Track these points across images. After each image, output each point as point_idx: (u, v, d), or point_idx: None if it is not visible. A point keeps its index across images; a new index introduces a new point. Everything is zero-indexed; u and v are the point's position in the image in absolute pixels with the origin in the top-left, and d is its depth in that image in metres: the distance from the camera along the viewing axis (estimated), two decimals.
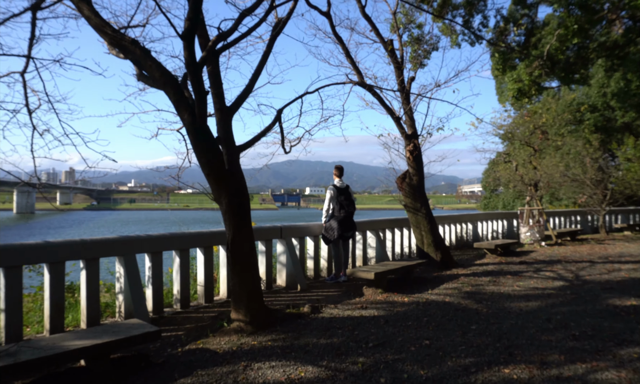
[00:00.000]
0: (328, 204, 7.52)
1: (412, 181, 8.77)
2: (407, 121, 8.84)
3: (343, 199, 7.42)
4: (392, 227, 9.71)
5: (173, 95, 4.41)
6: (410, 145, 8.62)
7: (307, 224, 7.65)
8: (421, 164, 8.80)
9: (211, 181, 4.59)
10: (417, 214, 8.82)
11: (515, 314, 5.34)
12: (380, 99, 8.30)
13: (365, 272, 6.46)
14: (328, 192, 7.56)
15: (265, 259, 6.86)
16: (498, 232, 14.54)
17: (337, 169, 7.75)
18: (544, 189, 13.87)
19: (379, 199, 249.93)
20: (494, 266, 9.06)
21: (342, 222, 7.35)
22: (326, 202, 7.53)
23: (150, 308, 5.39)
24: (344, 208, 7.38)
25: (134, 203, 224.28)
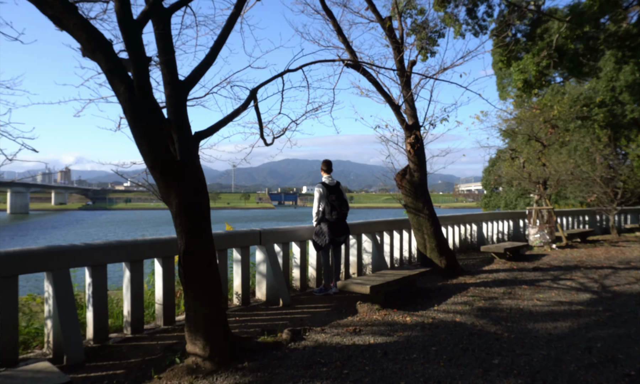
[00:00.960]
0: (318, 205, 6.48)
1: (413, 178, 7.73)
2: (408, 110, 7.80)
3: (334, 198, 6.38)
4: (390, 229, 8.66)
5: (105, 63, 3.35)
6: (411, 137, 7.58)
7: (293, 227, 6.59)
8: (423, 158, 7.76)
9: (156, 175, 3.53)
10: (418, 215, 7.78)
11: (545, 341, 4.30)
12: (377, 84, 7.25)
13: (360, 286, 5.41)
14: (316, 192, 6.51)
15: (241, 270, 5.80)
16: (504, 233, 13.53)
17: (325, 164, 6.71)
18: (553, 188, 12.86)
19: (376, 198, 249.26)
20: (505, 273, 8.03)
21: (333, 225, 6.31)
22: (315, 203, 6.48)
23: (90, 335, 4.32)
24: (335, 209, 6.34)
25: (130, 203, 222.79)
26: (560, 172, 12.43)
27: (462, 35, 14.48)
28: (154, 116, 3.46)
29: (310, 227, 6.67)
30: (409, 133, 7.63)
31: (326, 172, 6.68)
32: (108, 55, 3.33)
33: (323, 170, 6.72)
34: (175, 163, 3.54)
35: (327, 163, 6.71)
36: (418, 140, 7.55)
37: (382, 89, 7.28)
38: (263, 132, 5.80)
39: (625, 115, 18.69)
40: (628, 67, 17.42)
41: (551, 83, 16.96)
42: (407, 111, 7.81)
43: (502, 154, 31.22)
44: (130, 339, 4.50)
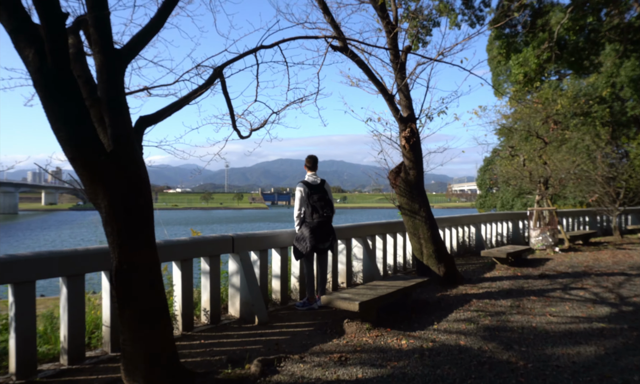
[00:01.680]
0: (299, 206, 5.69)
1: (409, 176, 6.95)
2: (402, 100, 7.03)
3: (316, 199, 5.59)
4: (383, 233, 7.89)
5: (7, 19, 2.53)
6: (406, 130, 6.80)
7: (272, 232, 5.79)
8: (420, 154, 6.99)
9: (78, 169, 2.73)
10: (414, 218, 7.01)
11: (570, 373, 3.54)
12: (368, 70, 6.46)
13: (347, 302, 4.62)
14: (297, 191, 5.72)
15: (210, 283, 4.99)
16: (503, 235, 12.82)
17: (309, 160, 5.93)
18: (555, 187, 12.16)
19: (369, 198, 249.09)
20: (509, 281, 7.28)
21: (315, 230, 5.53)
22: (296, 205, 5.69)
23: (13, 369, 3.50)
24: (317, 212, 5.56)
25: None
26: (562, 171, 11.73)
27: (457, 25, 13.74)
28: (74, 92, 2.64)
29: (293, 231, 5.87)
30: (403, 126, 6.85)
31: (310, 170, 5.89)
32: (11, 8, 2.52)
33: (307, 167, 5.94)
34: (103, 155, 2.72)
35: (311, 159, 5.92)
36: (414, 134, 6.79)
37: (374, 76, 6.50)
38: (235, 122, 5.01)
39: (626, 112, 18.08)
40: (629, 62, 16.79)
41: (548, 80, 16.25)
42: (401, 101, 7.04)
43: (498, 152, 30.63)
44: (65, 373, 3.67)
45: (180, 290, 4.69)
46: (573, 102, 11.71)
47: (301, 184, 5.70)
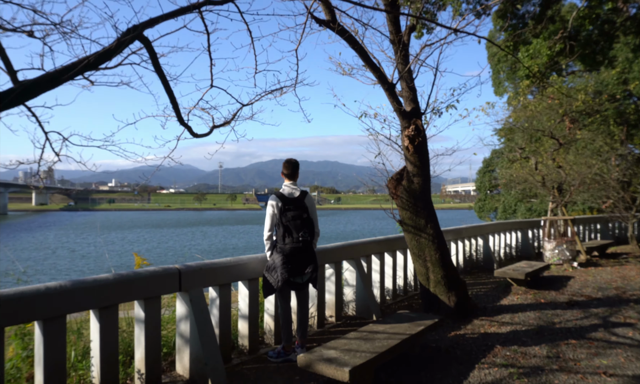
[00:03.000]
0: (269, 226, 4.33)
1: (412, 184, 5.62)
2: (405, 91, 5.70)
3: (291, 217, 4.24)
4: (380, 251, 6.56)
5: None
6: (410, 128, 5.47)
7: (237, 260, 4.43)
8: (426, 157, 5.67)
9: None
10: (419, 236, 5.68)
11: None
12: (362, 52, 5.12)
13: (334, 367, 3.28)
14: (268, 205, 4.36)
15: (145, 336, 3.62)
16: (512, 247, 11.55)
17: (287, 166, 4.57)
18: (570, 193, 10.89)
19: (363, 199, 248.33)
20: (534, 312, 5.98)
21: (289, 259, 4.18)
22: (266, 223, 4.32)
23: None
24: (291, 234, 4.23)
25: (114, 203, 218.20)
26: (578, 176, 10.44)
27: (461, 15, 12.45)
28: None
29: (264, 257, 4.53)
30: (406, 122, 5.52)
31: (288, 178, 4.54)
32: None
33: (284, 174, 4.60)
34: None
35: (289, 165, 4.56)
36: (419, 132, 5.46)
37: (369, 58, 5.16)
38: (181, 114, 3.67)
39: (639, 111, 16.89)
40: None
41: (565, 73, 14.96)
42: (403, 92, 5.71)
43: (499, 154, 29.39)
44: None
45: (99, 348, 3.33)
46: (594, 98, 10.44)
47: (274, 197, 4.35)
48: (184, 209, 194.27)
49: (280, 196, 4.32)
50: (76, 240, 50.02)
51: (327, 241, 18.35)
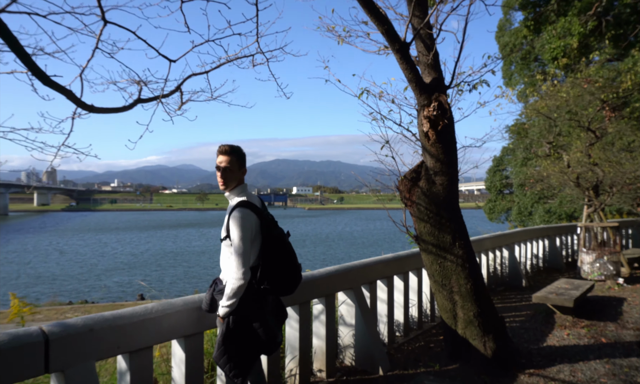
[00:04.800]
0: (246, 256, 2.67)
1: (434, 186, 4.01)
2: (423, 56, 4.08)
3: (279, 243, 2.89)
4: (388, 275, 4.94)
5: None
6: (431, 106, 3.85)
7: (156, 309, 2.82)
8: (453, 147, 4.05)
9: None
10: (443, 259, 4.07)
11: None
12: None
13: None
14: (237, 219, 2.68)
15: None
16: (538, 257, 9.92)
17: (243, 157, 2.99)
18: (612, 195, 9.24)
19: (366, 199, 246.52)
20: (601, 363, 4.35)
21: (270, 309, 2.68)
22: (240, 251, 2.64)
23: None
24: (285, 271, 2.83)
25: (116, 204, 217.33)
26: (624, 175, 8.78)
27: None
28: None
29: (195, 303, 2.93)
30: (426, 99, 3.90)
31: (240, 182, 2.97)
32: None
33: (243, 173, 2.99)
34: None
35: (243, 155, 3.00)
36: (444, 112, 3.84)
37: (372, 4, 3.54)
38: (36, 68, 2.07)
39: None
40: None
41: (600, 54, 13.20)
42: (421, 57, 4.10)
43: (509, 152, 27.65)
44: None
45: None
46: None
47: (245, 209, 2.74)
48: (186, 209, 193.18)
49: (252, 207, 2.81)
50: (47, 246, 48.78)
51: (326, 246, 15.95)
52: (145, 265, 38.84)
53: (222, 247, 2.83)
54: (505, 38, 23.87)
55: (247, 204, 2.74)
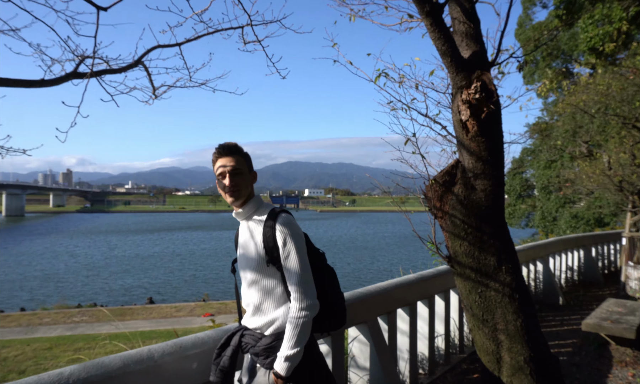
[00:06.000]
0: (309, 287, 1.96)
1: (474, 193, 3.08)
2: (461, 24, 3.16)
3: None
4: (409, 302, 4.01)
5: None
6: (472, 87, 2.93)
7: None
8: (499, 142, 3.10)
9: None
10: (485, 287, 3.13)
11: None
12: None
13: None
14: (295, 236, 1.98)
15: None
16: (573, 269, 8.89)
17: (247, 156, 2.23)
18: None
19: (379, 201, 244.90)
20: None
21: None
22: (302, 267, 1.95)
23: None
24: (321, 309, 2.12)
25: (129, 205, 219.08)
26: None
27: None
28: None
29: None
30: (463, 79, 2.97)
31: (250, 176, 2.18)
32: None
33: (253, 178, 2.21)
34: None
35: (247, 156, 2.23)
36: (489, 95, 2.91)
37: None
38: None
39: None
40: None
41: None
42: (457, 25, 3.18)
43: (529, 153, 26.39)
44: None
45: None
46: None
47: (290, 215, 2.13)
48: (198, 211, 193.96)
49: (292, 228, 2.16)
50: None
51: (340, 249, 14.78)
52: (154, 268, 38.37)
53: (258, 275, 2.01)
54: (528, 33, 22.77)
55: (288, 210, 2.08)
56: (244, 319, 2.11)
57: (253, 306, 2.04)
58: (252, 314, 2.05)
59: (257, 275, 1.99)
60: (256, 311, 2.03)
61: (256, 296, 2.02)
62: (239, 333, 2.09)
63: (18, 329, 20.82)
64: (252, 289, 2.03)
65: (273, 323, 1.96)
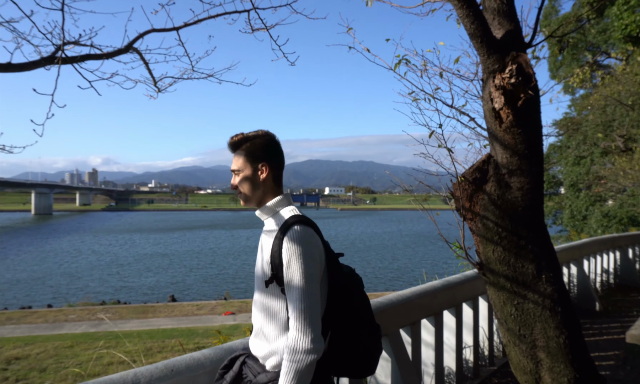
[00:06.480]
0: (311, 321, 1.55)
1: (508, 192, 2.71)
2: (492, 2, 2.79)
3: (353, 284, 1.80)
4: (435, 311, 3.66)
5: None
6: (506, 71, 2.56)
7: None
8: (537, 133, 2.72)
9: None
10: (522, 299, 2.76)
11: None
12: None
13: None
14: (299, 263, 1.57)
15: None
16: (609, 272, 8.34)
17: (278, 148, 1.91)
18: None
19: (399, 199, 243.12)
20: None
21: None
22: (308, 296, 1.56)
23: None
24: (340, 349, 1.71)
25: (153, 204, 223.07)
26: None
27: None
28: None
29: None
30: (496, 61, 2.61)
31: (279, 186, 1.93)
32: None
33: (276, 172, 1.90)
34: None
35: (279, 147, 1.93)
36: (527, 79, 2.54)
37: None
38: None
39: None
40: None
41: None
42: (488, 2, 2.81)
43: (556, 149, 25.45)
44: None
45: None
46: None
47: (307, 227, 1.66)
48: (220, 210, 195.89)
49: (314, 228, 1.74)
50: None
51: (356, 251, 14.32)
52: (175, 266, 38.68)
53: (262, 294, 1.72)
54: (553, 26, 21.91)
55: (307, 220, 1.68)
56: (250, 340, 1.82)
57: (256, 328, 1.75)
58: (255, 335, 1.76)
59: (262, 294, 1.71)
60: (258, 334, 1.75)
61: (259, 317, 1.73)
62: (241, 359, 1.81)
63: (44, 325, 21.20)
64: (257, 308, 1.75)
65: (275, 353, 1.66)
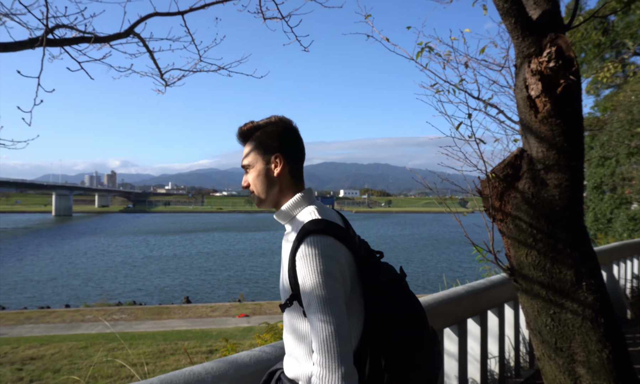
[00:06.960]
0: (337, 352, 1.21)
1: (544, 190, 2.45)
2: None
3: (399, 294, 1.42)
4: (459, 319, 3.39)
5: None
6: (544, 55, 2.30)
7: None
8: (578, 125, 2.45)
9: None
10: (559, 308, 2.48)
11: None
12: None
13: None
14: (315, 285, 1.25)
15: None
16: (639, 278, 7.91)
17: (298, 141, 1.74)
18: None
19: (415, 202, 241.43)
20: None
21: None
22: (325, 346, 1.21)
23: None
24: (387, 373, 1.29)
25: (169, 206, 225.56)
26: None
27: None
28: None
29: None
30: (533, 45, 2.35)
31: (300, 181, 1.71)
32: None
33: (293, 172, 1.69)
34: None
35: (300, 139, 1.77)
36: (568, 63, 2.27)
37: None
38: None
39: None
40: None
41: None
42: None
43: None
44: None
45: None
46: None
47: (324, 237, 1.31)
48: (235, 212, 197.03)
49: (337, 230, 1.37)
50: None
51: None
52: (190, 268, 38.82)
53: (288, 314, 1.46)
54: (575, 22, 21.33)
55: (326, 226, 1.33)
56: (285, 357, 1.54)
57: (286, 349, 1.51)
58: (287, 354, 1.51)
59: (287, 313, 1.45)
60: (290, 355, 1.48)
61: (288, 339, 1.47)
62: (276, 375, 1.55)
63: (62, 325, 21.40)
64: (285, 327, 1.49)
65: (309, 379, 1.35)
